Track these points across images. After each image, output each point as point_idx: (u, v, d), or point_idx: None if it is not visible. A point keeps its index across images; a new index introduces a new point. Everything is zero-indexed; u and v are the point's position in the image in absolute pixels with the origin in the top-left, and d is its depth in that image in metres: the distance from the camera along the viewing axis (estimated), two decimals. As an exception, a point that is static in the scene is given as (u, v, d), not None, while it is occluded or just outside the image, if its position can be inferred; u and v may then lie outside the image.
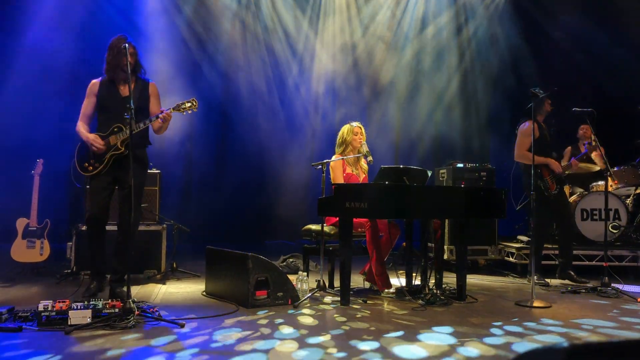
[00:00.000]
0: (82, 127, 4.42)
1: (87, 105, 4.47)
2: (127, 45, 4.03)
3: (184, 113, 4.45)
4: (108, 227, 4.55)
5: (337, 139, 5.18)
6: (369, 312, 4.06)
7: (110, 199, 4.46)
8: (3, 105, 7.45)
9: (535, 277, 5.44)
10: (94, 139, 4.33)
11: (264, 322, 3.65)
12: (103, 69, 4.46)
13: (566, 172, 5.71)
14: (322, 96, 9.51)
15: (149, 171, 5.57)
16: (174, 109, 4.39)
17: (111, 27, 7.93)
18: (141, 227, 5.51)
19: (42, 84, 7.67)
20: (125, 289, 3.67)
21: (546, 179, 5.54)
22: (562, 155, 6.77)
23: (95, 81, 4.49)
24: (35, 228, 5.36)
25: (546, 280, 5.46)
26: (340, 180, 4.98)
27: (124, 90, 4.41)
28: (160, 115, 4.32)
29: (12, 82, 7.64)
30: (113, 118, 4.35)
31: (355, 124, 5.13)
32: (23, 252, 5.31)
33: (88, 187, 4.54)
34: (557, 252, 5.78)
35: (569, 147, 6.96)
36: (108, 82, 4.45)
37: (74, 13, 7.88)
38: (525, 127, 5.53)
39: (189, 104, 4.41)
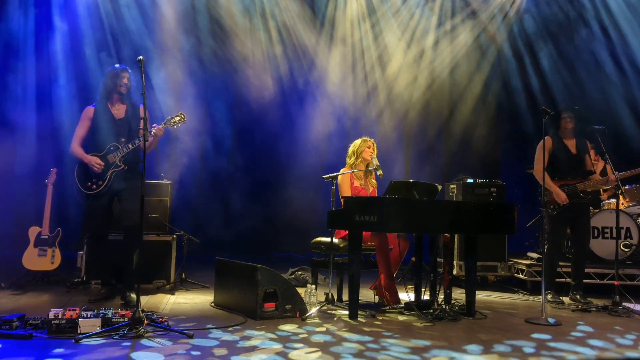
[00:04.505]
0: (78, 149, 4.74)
1: (81, 128, 4.78)
2: (122, 70, 4.69)
3: (175, 127, 4.79)
4: (114, 237, 4.86)
5: (349, 151, 5.22)
6: (376, 326, 4.04)
7: (111, 213, 4.78)
8: (18, 115, 7.57)
9: (549, 295, 5.40)
10: (95, 160, 4.62)
11: (270, 334, 3.65)
12: (98, 93, 4.84)
13: (588, 189, 5.54)
14: (334, 109, 9.56)
15: (160, 182, 5.78)
16: (164, 124, 4.72)
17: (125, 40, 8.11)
18: (151, 237, 5.57)
19: (56, 94, 7.79)
20: (134, 295, 3.75)
21: (545, 193, 5.45)
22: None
23: (90, 107, 4.83)
24: (47, 236, 5.41)
25: (561, 298, 5.41)
26: (348, 194, 5.00)
27: (118, 114, 4.77)
28: (154, 131, 4.63)
29: (27, 93, 7.76)
30: (107, 139, 4.69)
31: (368, 138, 5.19)
32: (34, 260, 5.35)
33: (90, 204, 4.74)
34: (569, 269, 5.72)
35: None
36: (102, 106, 4.77)
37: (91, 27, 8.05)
38: (540, 144, 5.49)
39: (178, 118, 4.76)
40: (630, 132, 8.05)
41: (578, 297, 5.39)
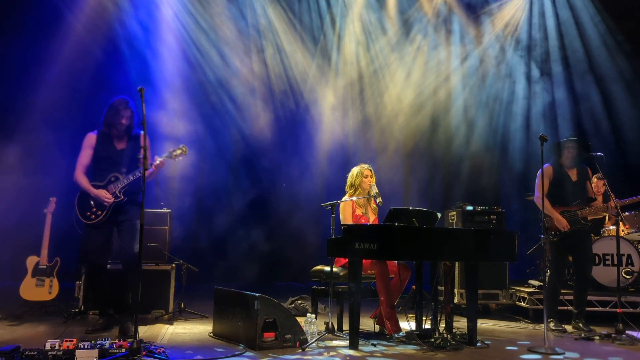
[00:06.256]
0: (83, 180, 4.71)
1: (85, 156, 4.77)
2: (124, 108, 4.65)
3: (175, 160, 4.81)
4: (113, 267, 4.86)
5: (347, 181, 5.22)
6: (377, 356, 3.99)
7: (110, 243, 4.78)
8: (19, 143, 7.59)
9: (552, 323, 5.34)
10: (104, 194, 4.61)
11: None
12: (100, 122, 4.82)
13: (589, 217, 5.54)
14: (334, 136, 9.62)
15: (159, 210, 5.78)
16: (165, 156, 4.74)
17: (126, 69, 8.20)
18: (150, 267, 5.53)
19: (57, 122, 7.84)
20: (132, 326, 3.71)
21: (545, 220, 5.45)
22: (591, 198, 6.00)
23: (92, 134, 4.82)
24: (45, 266, 5.37)
25: (563, 326, 5.35)
26: (350, 222, 4.99)
27: (119, 144, 4.78)
28: (154, 164, 4.66)
29: (28, 119, 7.81)
30: (108, 168, 4.70)
31: (364, 166, 5.18)
32: (32, 290, 5.30)
33: (88, 234, 4.72)
34: (571, 297, 5.67)
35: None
36: (104, 135, 4.78)
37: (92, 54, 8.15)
38: (540, 170, 5.50)
39: (179, 151, 4.79)
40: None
41: (581, 325, 5.34)
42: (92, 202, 4.65)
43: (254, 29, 9.22)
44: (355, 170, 5.20)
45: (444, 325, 4.73)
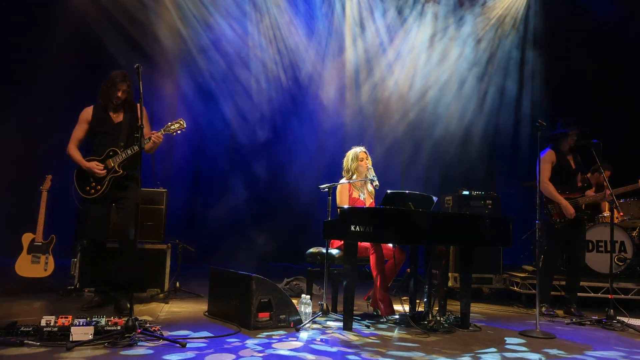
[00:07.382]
0: (76, 153, 4.66)
1: (79, 130, 4.72)
2: (121, 82, 4.56)
3: (174, 134, 4.70)
4: (109, 245, 4.82)
5: (343, 165, 5.19)
6: (370, 337, 4.03)
7: (109, 219, 4.74)
8: (15, 121, 7.54)
9: (544, 308, 5.40)
10: (95, 166, 4.54)
11: (263, 344, 3.63)
12: (98, 96, 4.74)
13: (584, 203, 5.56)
14: (332, 120, 9.59)
15: (156, 190, 5.75)
16: (163, 130, 4.66)
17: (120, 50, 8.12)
18: (146, 246, 5.54)
19: (52, 100, 7.78)
20: (127, 304, 3.73)
21: (549, 206, 5.49)
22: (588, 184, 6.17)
23: (88, 108, 4.75)
24: (40, 243, 5.38)
25: (555, 311, 5.41)
26: (346, 204, 5.00)
27: (116, 117, 4.71)
28: (153, 137, 4.59)
29: (24, 98, 7.75)
30: (107, 143, 4.62)
31: (359, 149, 5.15)
32: (27, 267, 5.31)
33: (88, 209, 4.69)
34: (563, 283, 5.72)
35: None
36: (101, 109, 4.71)
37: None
38: (543, 155, 5.50)
39: (177, 125, 4.68)
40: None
41: (572, 310, 5.40)
42: (91, 177, 4.59)
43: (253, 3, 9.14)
44: (350, 154, 5.16)
45: (437, 308, 4.77)
